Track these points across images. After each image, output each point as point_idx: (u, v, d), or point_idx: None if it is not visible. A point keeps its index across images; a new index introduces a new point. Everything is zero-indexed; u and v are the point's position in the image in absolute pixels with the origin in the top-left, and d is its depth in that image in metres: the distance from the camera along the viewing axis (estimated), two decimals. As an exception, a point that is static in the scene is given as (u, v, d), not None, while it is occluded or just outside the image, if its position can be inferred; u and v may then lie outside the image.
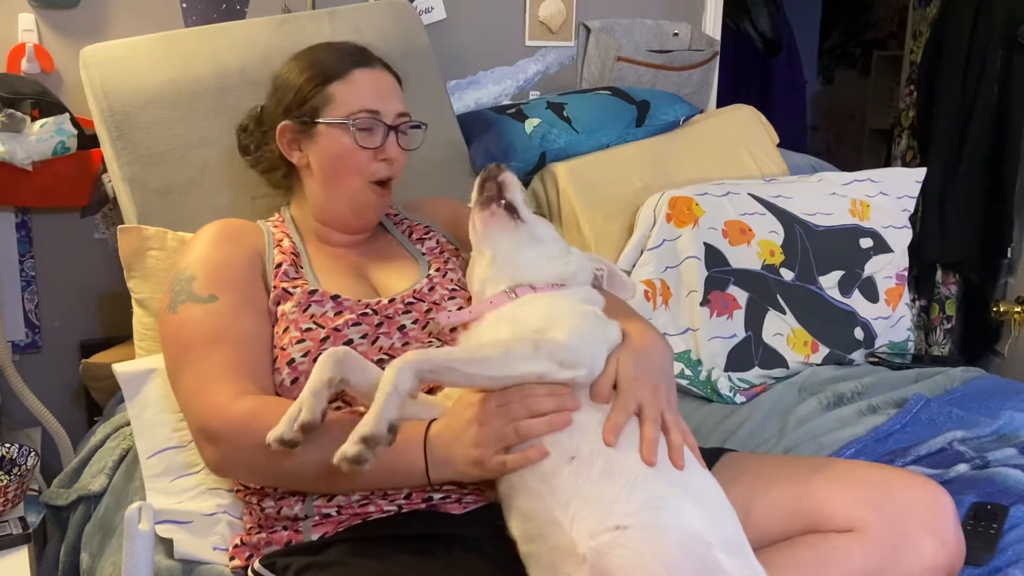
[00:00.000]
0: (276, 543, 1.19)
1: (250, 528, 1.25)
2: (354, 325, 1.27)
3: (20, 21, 1.92)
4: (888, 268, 2.08)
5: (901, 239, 2.11)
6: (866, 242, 2.07)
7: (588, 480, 1.01)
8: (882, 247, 2.08)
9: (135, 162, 1.66)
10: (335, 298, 1.30)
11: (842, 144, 5.08)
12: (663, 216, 1.93)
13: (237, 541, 1.25)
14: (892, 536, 1.08)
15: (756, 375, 1.90)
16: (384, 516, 1.15)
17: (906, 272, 2.12)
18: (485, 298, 1.25)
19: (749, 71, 4.18)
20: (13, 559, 1.37)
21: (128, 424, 1.48)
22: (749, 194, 2.04)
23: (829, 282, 2.01)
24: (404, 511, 1.16)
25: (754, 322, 1.92)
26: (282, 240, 1.40)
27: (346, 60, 1.40)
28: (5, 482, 1.49)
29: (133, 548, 1.08)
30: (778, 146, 2.35)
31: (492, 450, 1.07)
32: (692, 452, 1.09)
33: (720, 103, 2.79)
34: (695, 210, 1.94)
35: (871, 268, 2.06)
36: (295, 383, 1.22)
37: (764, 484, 1.18)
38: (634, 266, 1.91)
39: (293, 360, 1.24)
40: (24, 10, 1.93)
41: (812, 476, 1.17)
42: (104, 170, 1.87)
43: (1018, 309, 2.89)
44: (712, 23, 2.75)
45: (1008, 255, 2.91)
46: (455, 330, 1.28)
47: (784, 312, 1.95)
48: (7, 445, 1.57)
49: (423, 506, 1.16)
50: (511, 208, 1.26)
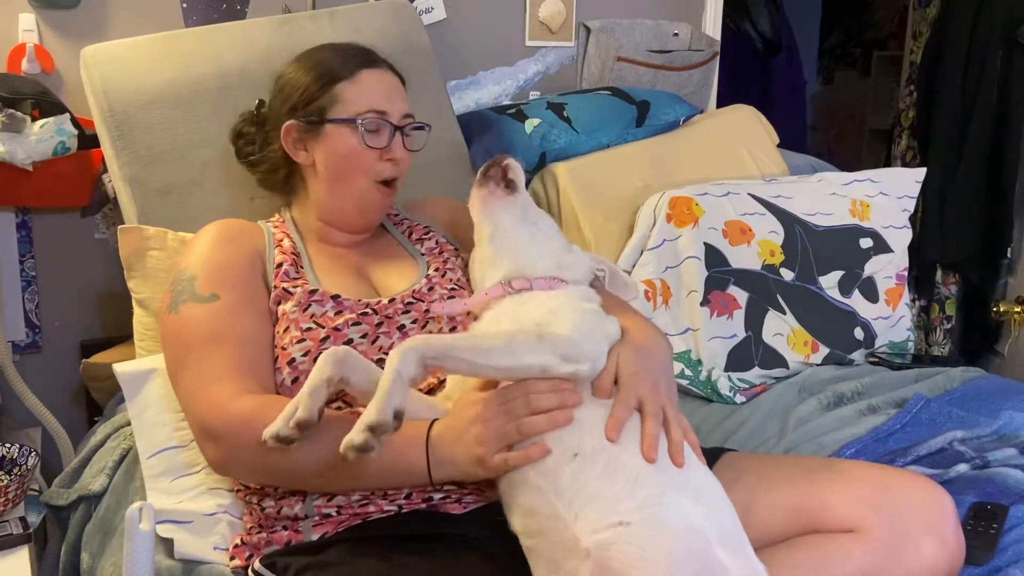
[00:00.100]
0: (276, 543, 1.19)
1: (250, 528, 1.25)
2: (354, 325, 1.27)
3: (20, 21, 1.92)
4: (888, 268, 2.08)
5: (901, 239, 2.11)
6: (866, 242, 2.07)
7: (591, 477, 1.01)
8: (882, 247, 2.08)
9: (135, 162, 1.66)
10: (335, 298, 1.30)
11: (842, 144, 5.08)
12: (663, 216, 1.93)
13: (237, 541, 1.25)
14: (892, 536, 1.08)
15: (756, 375, 1.90)
16: (384, 516, 1.16)
17: (906, 272, 2.12)
18: (483, 289, 1.25)
19: (749, 71, 4.18)
20: (13, 559, 1.37)
21: (128, 424, 1.49)
22: (749, 194, 2.04)
23: (829, 282, 2.01)
24: (404, 511, 1.16)
25: (754, 322, 1.92)
26: (282, 240, 1.40)
27: (353, 61, 1.40)
28: (5, 482, 1.49)
29: (134, 548, 1.08)
30: (778, 146, 2.35)
31: (494, 448, 1.07)
32: (692, 448, 1.09)
33: (720, 103, 2.78)
34: (695, 210, 1.94)
35: (871, 268, 2.06)
36: (296, 382, 1.22)
37: (764, 484, 1.18)
38: (634, 266, 1.91)
39: (293, 360, 1.24)
40: (24, 10, 1.93)
41: (812, 476, 1.17)
42: (104, 170, 1.87)
43: (1018, 309, 2.88)
44: (712, 23, 2.75)
45: (1008, 255, 2.91)
46: (455, 329, 1.28)
47: (784, 312, 1.95)
48: (7, 445, 1.57)
49: (423, 506, 1.16)
50: (511, 186, 1.27)
